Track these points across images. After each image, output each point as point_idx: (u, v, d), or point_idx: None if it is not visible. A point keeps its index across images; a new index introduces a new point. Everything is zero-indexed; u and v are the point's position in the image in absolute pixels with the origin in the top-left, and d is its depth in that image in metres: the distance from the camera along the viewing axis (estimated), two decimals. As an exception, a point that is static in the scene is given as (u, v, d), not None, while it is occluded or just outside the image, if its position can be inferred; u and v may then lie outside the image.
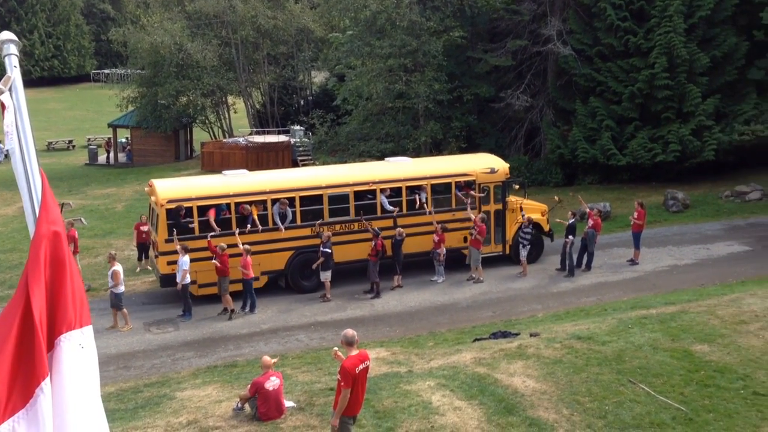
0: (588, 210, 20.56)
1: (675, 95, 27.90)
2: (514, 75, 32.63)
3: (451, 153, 32.15)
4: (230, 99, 46.21)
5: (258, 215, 18.70)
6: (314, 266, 18.70)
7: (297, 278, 19.22)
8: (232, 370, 14.08)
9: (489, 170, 20.94)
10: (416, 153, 32.98)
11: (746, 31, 29.95)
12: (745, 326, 13.49)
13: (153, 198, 18.94)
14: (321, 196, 19.19)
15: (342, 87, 34.63)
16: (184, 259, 17.19)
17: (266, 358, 11.07)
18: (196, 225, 18.13)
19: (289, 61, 45.55)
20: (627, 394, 11.00)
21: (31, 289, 2.32)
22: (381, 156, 33.93)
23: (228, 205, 18.52)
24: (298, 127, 41.46)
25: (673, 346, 12.66)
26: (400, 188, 19.88)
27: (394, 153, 33.91)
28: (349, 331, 9.35)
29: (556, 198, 23.39)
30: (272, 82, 45.24)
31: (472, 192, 20.62)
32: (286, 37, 44.42)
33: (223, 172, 21.23)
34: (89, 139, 48.94)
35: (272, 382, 10.57)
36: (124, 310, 17.14)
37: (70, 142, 50.86)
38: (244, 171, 21.63)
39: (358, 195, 19.56)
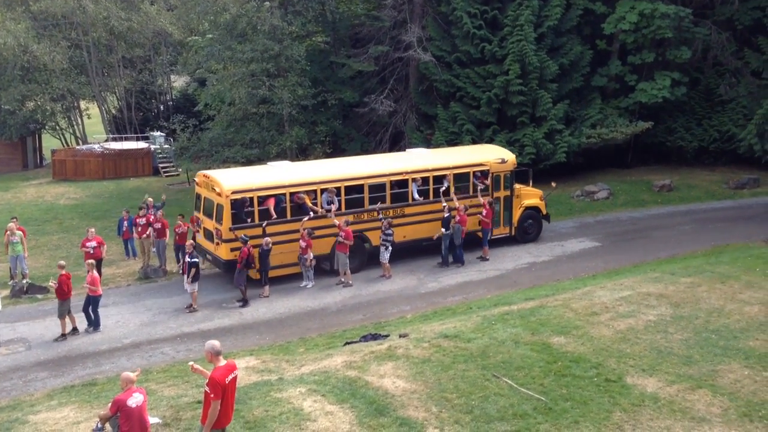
0: (456, 206, 21.25)
1: (528, 100, 29.38)
2: (378, 80, 33.16)
3: (317, 158, 32.16)
4: (83, 104, 43.92)
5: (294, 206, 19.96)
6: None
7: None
8: (91, 389, 13.31)
9: (500, 160, 23.06)
10: (282, 159, 32.74)
11: (590, 40, 32.09)
12: (596, 317, 14.38)
13: (215, 189, 19.71)
14: (363, 185, 20.85)
15: (203, 92, 33.75)
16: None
17: (127, 374, 10.50)
18: (255, 214, 19.41)
19: (147, 65, 43.94)
20: (492, 388, 11.41)
21: None
22: (246, 162, 33.50)
23: (284, 195, 19.87)
24: (158, 133, 40.06)
25: (533, 340, 13.27)
26: (427, 177, 21.77)
27: (260, 159, 33.51)
28: (215, 342, 9.11)
29: (553, 184, 24.91)
30: (129, 86, 43.44)
31: (487, 181, 22.60)
32: (142, 39, 42.81)
33: (268, 163, 23.49)
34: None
35: (135, 399, 10.05)
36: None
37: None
38: (287, 162, 23.41)
39: (393, 184, 21.40)
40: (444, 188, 21.87)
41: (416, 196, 21.56)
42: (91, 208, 30.31)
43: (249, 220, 19.40)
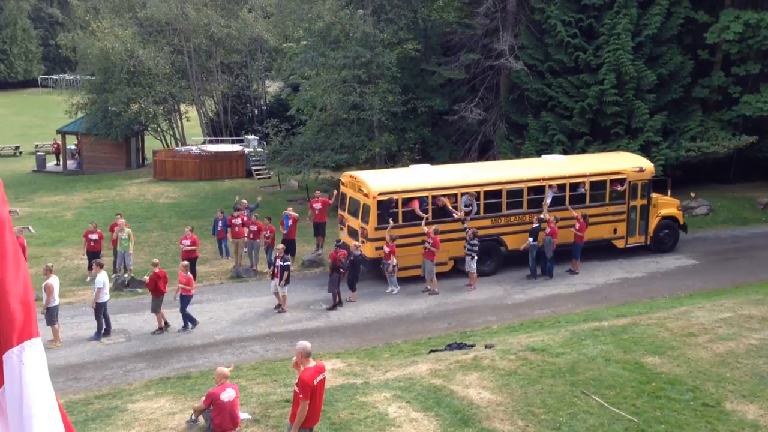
0: (548, 217, 20.95)
1: (624, 111, 28.60)
2: (468, 88, 33.03)
3: (404, 165, 32.32)
4: (183, 107, 45.65)
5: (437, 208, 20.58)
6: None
7: (478, 263, 20.56)
8: (185, 382, 13.84)
9: (638, 169, 22.99)
10: (371, 164, 33.11)
11: (691, 50, 30.96)
12: (693, 338, 13.86)
13: (361, 190, 20.67)
14: (501, 190, 21.28)
15: (296, 97, 34.52)
16: (100, 278, 16.81)
17: (221, 369, 10.91)
18: (400, 215, 20.21)
19: (243, 70, 45.24)
20: (580, 405, 11.18)
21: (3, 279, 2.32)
22: (336, 167, 34.04)
23: (427, 197, 20.59)
24: (252, 137, 41.19)
25: (625, 358, 12.92)
26: (564, 185, 22.03)
27: (349, 164, 33.99)
28: (306, 343, 9.32)
29: (692, 194, 24.90)
30: (226, 90, 44.86)
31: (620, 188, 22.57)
32: (239, 46, 44.11)
33: (411, 166, 24.16)
34: (37, 145, 47.72)
35: (228, 394, 10.43)
36: (56, 325, 16.38)
37: (17, 148, 49.51)
38: (427, 166, 23.81)
39: (530, 190, 21.75)
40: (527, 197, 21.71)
41: (548, 201, 21.74)
42: (188, 207, 31.48)
43: (392, 220, 20.17)
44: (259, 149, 39.00)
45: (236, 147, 40.32)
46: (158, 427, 10.62)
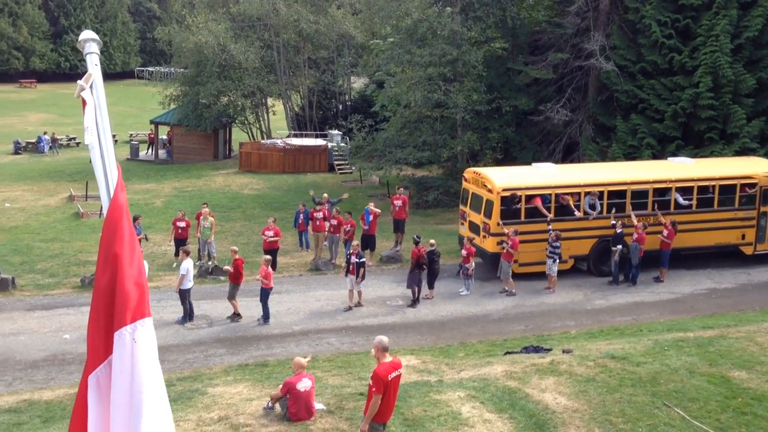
0: (635, 223, 20.39)
1: (719, 116, 27.48)
2: (554, 88, 32.44)
3: (486, 165, 32.04)
4: (270, 101, 46.64)
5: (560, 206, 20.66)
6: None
7: (597, 263, 21.09)
8: (263, 370, 14.16)
9: None
10: (452, 163, 33.00)
11: (795, 53, 29.40)
12: (784, 354, 13.22)
13: (485, 186, 20.87)
14: (625, 191, 21.18)
15: (381, 93, 34.74)
16: (184, 265, 17.32)
17: (299, 359, 11.12)
18: (522, 211, 20.42)
19: (329, 66, 45.85)
20: (661, 417, 10.83)
21: (121, 260, 2.44)
22: (417, 164, 34.07)
23: (549, 195, 20.74)
24: (335, 132, 41.71)
25: (710, 371, 12.43)
26: (692, 187, 21.70)
27: (431, 161, 33.96)
28: (384, 338, 9.36)
29: None
30: (312, 85, 45.58)
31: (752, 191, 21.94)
32: (327, 42, 44.73)
33: (533, 164, 24.16)
34: (131, 134, 49.75)
35: (304, 384, 10.61)
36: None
37: (113, 136, 51.72)
38: (550, 164, 23.91)
39: (656, 192, 21.50)
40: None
41: (681, 202, 21.50)
42: (271, 199, 32.16)
43: (516, 217, 20.37)
44: (342, 144, 39.46)
45: (320, 141, 40.91)
46: (236, 412, 10.90)
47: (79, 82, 2.65)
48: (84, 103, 2.61)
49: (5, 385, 13.94)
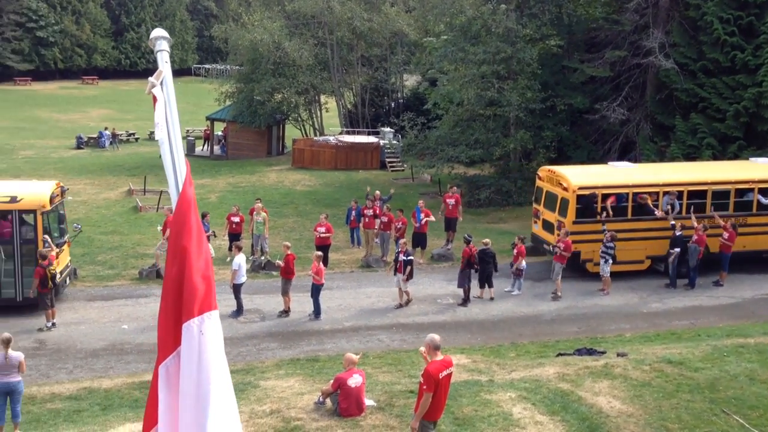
0: (695, 225, 19.92)
1: (784, 115, 26.60)
2: (611, 87, 31.84)
3: (539, 164, 31.66)
4: (323, 98, 46.97)
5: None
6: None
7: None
8: (314, 365, 14.29)
9: None
10: (505, 161, 32.72)
11: None
12: None
13: (561, 184, 20.87)
14: (706, 191, 20.95)
15: (433, 91, 34.65)
16: (237, 260, 17.49)
17: (350, 356, 11.18)
18: (598, 210, 20.29)
19: (382, 64, 45.93)
20: (719, 424, 10.55)
21: (189, 254, 2.49)
22: (469, 162, 33.87)
23: (626, 194, 20.63)
24: (387, 129, 41.76)
25: (771, 378, 12.06)
26: None
27: (483, 160, 33.73)
28: (436, 336, 9.34)
29: None
30: (364, 83, 45.73)
31: None
32: (380, 39, 44.80)
33: (609, 163, 24.18)
34: (188, 131, 50.73)
35: (355, 380, 10.67)
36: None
37: (171, 132, 52.74)
38: (627, 163, 23.78)
39: (737, 192, 21.28)
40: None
41: (764, 202, 21.14)
42: (323, 195, 32.41)
43: (592, 216, 20.30)
44: (394, 142, 39.48)
45: (372, 139, 41.01)
46: (288, 406, 11.03)
47: (150, 79, 2.71)
48: (155, 99, 2.67)
49: (66, 372, 14.39)
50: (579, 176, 21.15)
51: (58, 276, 16.89)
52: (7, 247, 16.95)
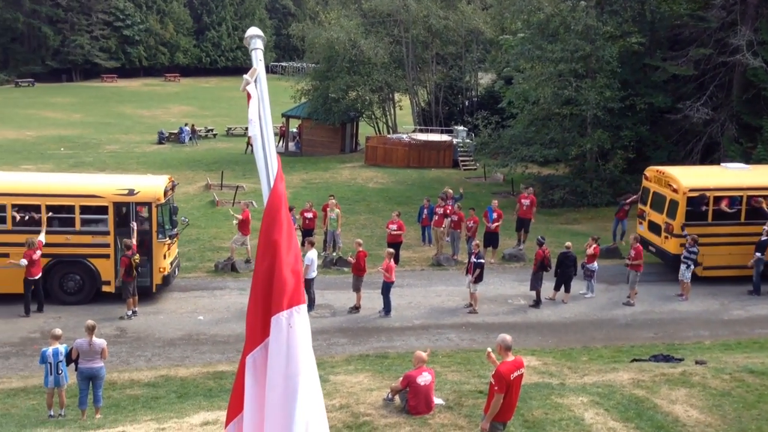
0: None
1: None
2: (695, 86, 30.76)
3: (617, 165, 30.84)
4: (397, 96, 47.08)
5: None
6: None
7: None
8: (383, 361, 14.36)
9: None
10: (581, 161, 32.06)
11: None
12: None
13: (670, 185, 20.46)
14: None
15: (508, 90, 34.24)
16: (309, 255, 17.64)
17: (420, 353, 11.19)
18: (710, 213, 19.97)
19: (457, 62, 45.72)
20: (804, 439, 10.09)
21: (279, 248, 2.55)
22: (544, 162, 33.32)
23: (739, 197, 20.18)
24: (461, 128, 41.56)
25: None
26: None
27: (557, 159, 33.15)
28: (507, 337, 9.25)
29: None
30: (439, 81, 45.62)
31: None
32: (455, 37, 44.61)
33: (722, 164, 23.47)
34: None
35: (424, 378, 10.67)
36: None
37: (247, 129, 53.97)
38: (743, 165, 23.12)
39: None
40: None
41: None
42: (395, 193, 32.51)
43: (702, 219, 19.85)
44: (468, 140, 39.24)
45: (445, 137, 40.88)
46: (357, 401, 11.12)
47: (244, 76, 2.78)
48: (248, 96, 2.74)
49: (145, 360, 14.91)
50: (689, 177, 20.61)
51: (169, 268, 17.89)
52: (124, 238, 17.67)
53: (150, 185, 18.32)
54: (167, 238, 18.09)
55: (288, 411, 2.53)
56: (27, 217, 17.53)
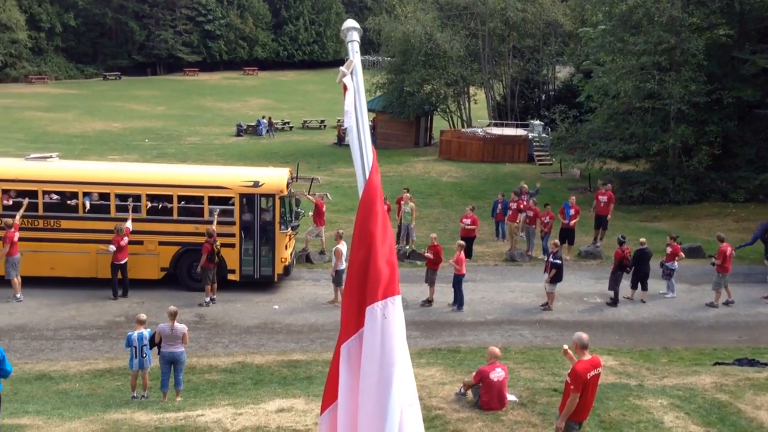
0: None
1: None
2: (787, 80, 29.36)
3: (701, 161, 29.75)
4: (472, 90, 46.74)
5: None
6: None
7: None
8: (455, 356, 14.32)
9: None
10: (662, 157, 31.09)
11: None
12: None
13: None
14: None
15: (587, 83, 33.47)
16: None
17: (494, 349, 11.10)
18: None
19: (534, 55, 44.99)
20: None
21: (375, 238, 2.58)
22: (623, 157, 32.45)
23: None
24: (537, 122, 40.92)
25: None
26: None
27: (637, 155, 32.23)
28: (584, 335, 9.08)
29: None
30: (515, 75, 45.04)
31: None
32: (533, 30, 43.92)
33: None
34: (339, 120, 52.21)
35: (497, 373, 10.58)
36: (342, 287, 17.84)
37: (322, 122, 54.73)
38: None
39: None
40: None
41: None
42: (469, 187, 32.30)
43: None
44: (544, 135, 38.60)
45: (520, 131, 40.35)
46: (429, 394, 11.12)
47: (341, 68, 2.80)
48: (345, 88, 2.76)
49: (222, 346, 15.31)
50: None
51: (289, 258, 18.50)
52: (249, 228, 18.28)
53: (274, 177, 18.78)
54: (289, 229, 18.52)
55: (382, 401, 2.55)
56: (159, 206, 18.22)
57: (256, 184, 18.18)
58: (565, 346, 9.56)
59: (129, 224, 17.62)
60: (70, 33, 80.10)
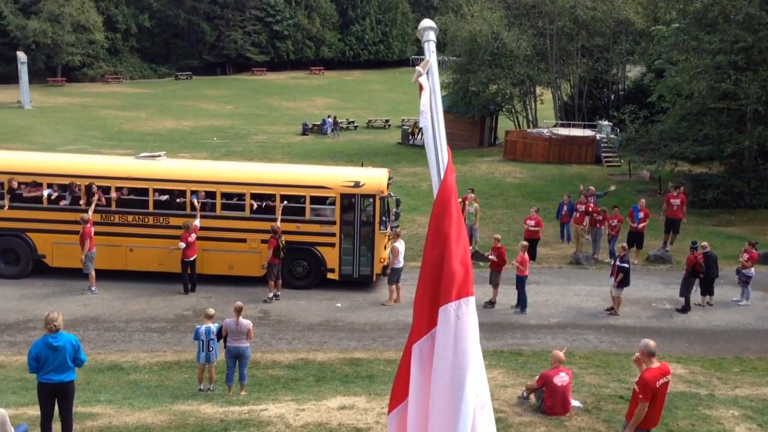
0: None
1: None
2: None
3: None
4: (538, 89, 46.10)
5: None
6: None
7: None
8: (517, 358, 14.15)
9: None
10: (737, 160, 30.02)
11: None
12: None
13: None
14: None
15: (659, 83, 32.57)
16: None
17: (558, 353, 10.94)
18: None
19: (604, 54, 44.03)
20: None
21: (449, 239, 2.58)
22: (695, 159, 31.44)
23: None
24: (605, 123, 40.07)
25: None
26: None
27: (711, 157, 31.21)
28: (651, 342, 8.84)
29: None
30: (583, 74, 44.19)
31: None
32: (603, 28, 43.00)
33: None
34: (404, 120, 52.31)
35: (561, 378, 10.42)
36: (394, 285, 17.76)
37: (387, 121, 54.92)
38: None
39: None
40: None
41: None
42: (534, 188, 31.87)
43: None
44: (612, 136, 37.78)
45: (588, 132, 39.59)
46: (491, 397, 11.01)
47: (417, 68, 2.82)
48: (421, 88, 2.77)
49: (286, 342, 15.53)
50: None
51: (388, 258, 18.38)
52: (349, 228, 18.56)
53: (374, 178, 18.95)
54: (388, 230, 18.69)
55: (455, 402, 2.54)
56: (264, 205, 18.60)
57: (357, 185, 18.35)
58: (637, 354, 9.34)
59: (197, 222, 18.04)
60: (145, 34, 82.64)
